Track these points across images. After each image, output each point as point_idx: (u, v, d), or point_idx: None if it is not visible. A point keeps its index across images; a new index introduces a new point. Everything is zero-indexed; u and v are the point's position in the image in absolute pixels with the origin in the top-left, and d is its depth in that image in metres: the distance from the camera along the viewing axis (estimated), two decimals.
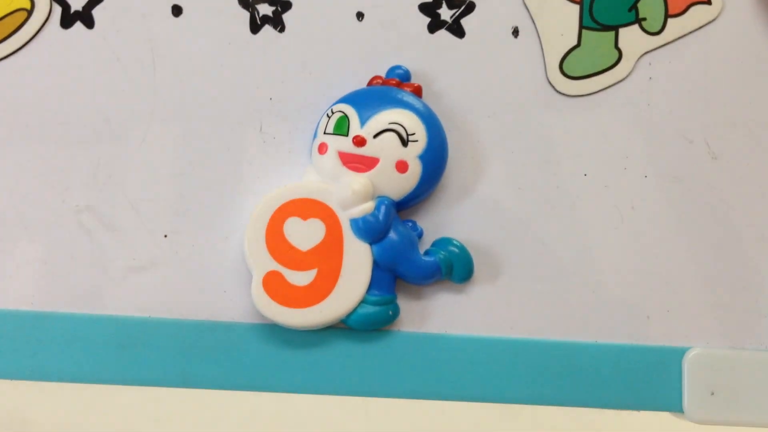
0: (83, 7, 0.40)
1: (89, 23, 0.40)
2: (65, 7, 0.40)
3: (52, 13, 0.40)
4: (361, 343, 0.39)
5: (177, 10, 0.40)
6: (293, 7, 0.41)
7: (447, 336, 0.39)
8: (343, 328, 0.38)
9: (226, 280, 0.39)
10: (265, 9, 0.41)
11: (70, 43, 0.40)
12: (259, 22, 0.40)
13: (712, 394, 0.39)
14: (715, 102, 0.42)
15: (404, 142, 0.38)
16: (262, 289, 0.37)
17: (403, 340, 0.39)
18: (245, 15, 0.40)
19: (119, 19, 0.40)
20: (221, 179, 0.40)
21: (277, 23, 0.41)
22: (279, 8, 0.41)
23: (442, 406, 0.39)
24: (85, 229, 0.39)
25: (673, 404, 0.39)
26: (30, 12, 0.39)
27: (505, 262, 0.40)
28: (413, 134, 0.38)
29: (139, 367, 0.38)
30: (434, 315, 0.40)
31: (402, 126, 0.38)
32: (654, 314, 0.40)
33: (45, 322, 0.38)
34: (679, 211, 0.41)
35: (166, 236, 0.39)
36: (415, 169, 0.38)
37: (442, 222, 0.40)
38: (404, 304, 0.39)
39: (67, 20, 0.40)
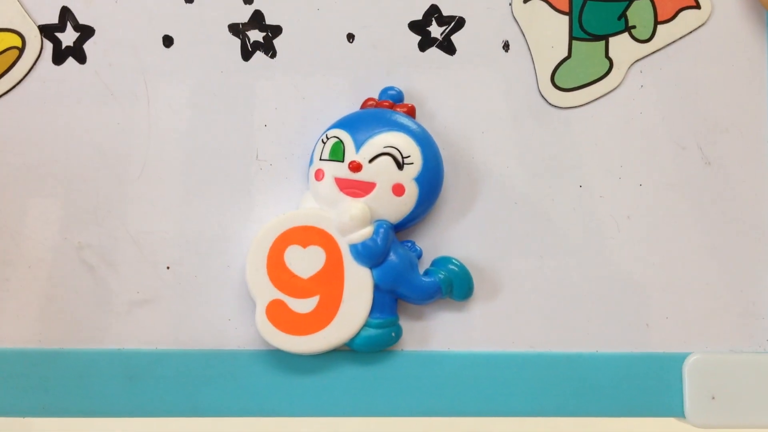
0: (74, 42, 0.40)
1: (81, 58, 0.40)
2: (56, 43, 0.40)
3: (43, 50, 0.40)
4: (366, 365, 0.39)
5: (168, 41, 0.40)
6: (283, 32, 0.41)
7: (450, 353, 0.40)
8: (347, 350, 0.39)
9: (229, 308, 0.39)
10: (255, 35, 0.41)
11: (63, 79, 0.40)
12: (250, 49, 0.41)
13: (713, 398, 0.40)
14: (706, 107, 0.42)
15: (400, 166, 0.38)
16: (266, 318, 0.38)
17: (406, 360, 0.40)
18: (236, 42, 0.41)
19: (111, 53, 0.40)
20: (220, 209, 0.40)
21: (269, 49, 0.41)
22: (269, 33, 0.41)
23: (448, 423, 0.40)
24: (87, 266, 0.39)
25: (674, 410, 0.40)
26: (21, 50, 0.40)
27: (504, 277, 0.41)
28: (408, 157, 0.38)
29: (147, 399, 0.38)
30: (436, 333, 0.40)
31: (397, 149, 0.38)
32: (653, 322, 0.41)
33: (53, 359, 0.38)
34: (674, 218, 0.41)
35: (168, 268, 0.39)
36: (412, 192, 0.38)
37: (440, 240, 0.41)
38: (406, 324, 0.40)
39: (58, 56, 0.40)
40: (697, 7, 0.42)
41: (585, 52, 0.42)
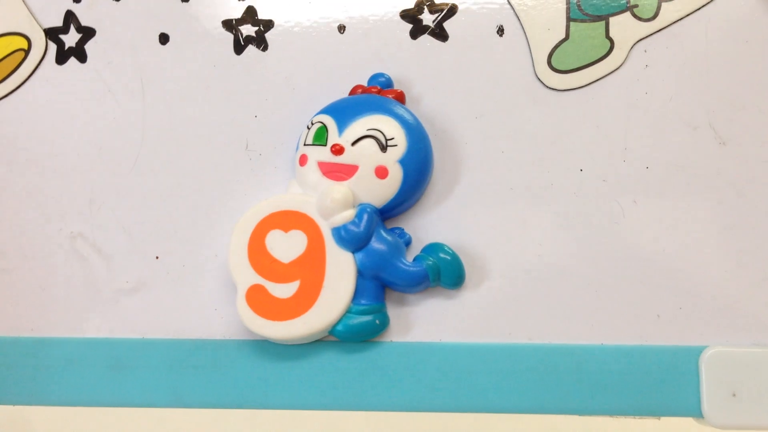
0: (77, 43, 0.41)
1: (82, 58, 0.41)
2: (60, 44, 0.42)
3: (48, 51, 0.41)
4: (352, 355, 0.38)
5: (164, 38, 0.41)
6: (275, 26, 0.41)
7: (441, 344, 0.38)
8: (333, 340, 0.38)
9: (216, 297, 0.39)
10: (248, 29, 0.41)
11: (65, 78, 0.41)
12: (242, 43, 0.41)
13: (734, 395, 0.36)
14: (719, 85, 0.39)
15: (383, 148, 0.37)
16: (245, 304, 0.37)
17: (394, 351, 0.38)
18: (229, 37, 0.41)
19: (110, 52, 0.41)
20: (210, 199, 0.40)
21: (260, 42, 0.41)
22: (262, 27, 0.41)
23: (440, 419, 0.38)
24: (79, 255, 0.40)
25: (691, 409, 0.37)
26: (27, 52, 0.41)
27: (502, 265, 0.39)
28: (392, 139, 0.37)
29: (133, 389, 0.38)
30: (428, 323, 0.38)
31: (380, 131, 0.37)
32: (664, 312, 0.38)
33: (43, 347, 0.39)
34: (685, 201, 0.38)
35: (157, 258, 0.39)
36: (396, 174, 0.37)
37: (433, 228, 0.39)
38: (396, 313, 0.38)
39: (61, 56, 0.41)
40: None
41: (584, 34, 0.40)
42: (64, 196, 0.40)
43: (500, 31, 0.41)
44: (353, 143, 0.37)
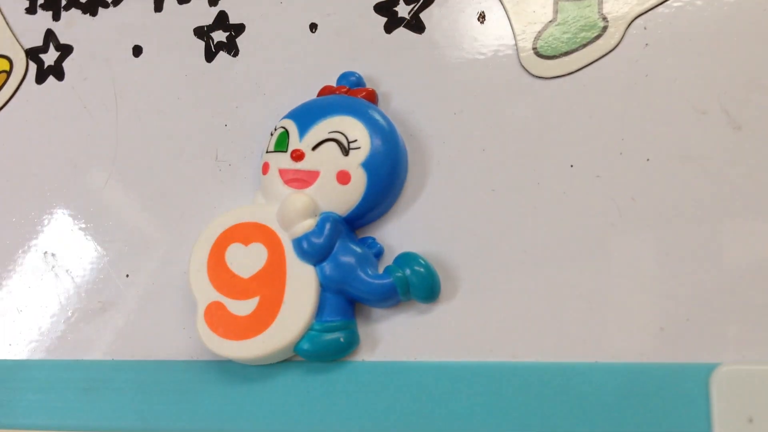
0: (55, 61, 0.41)
1: (60, 76, 0.41)
2: (39, 64, 0.41)
3: (28, 71, 0.41)
4: (319, 376, 0.35)
5: (137, 50, 0.40)
6: (246, 30, 0.39)
7: (416, 363, 0.34)
8: (300, 360, 0.35)
9: (184, 316, 0.37)
10: (219, 35, 0.39)
11: (43, 97, 0.41)
12: (213, 50, 0.39)
13: (751, 421, 0.31)
14: (732, 63, 0.34)
15: (345, 151, 0.34)
16: (203, 322, 0.35)
17: (364, 370, 0.35)
18: (200, 45, 0.40)
19: (86, 68, 0.41)
20: (180, 213, 0.38)
21: (231, 48, 0.39)
22: (233, 32, 0.39)
23: None
24: (53, 276, 0.39)
25: None
26: (9, 73, 0.41)
27: (483, 276, 0.35)
28: (355, 141, 0.35)
29: (101, 411, 0.37)
30: (401, 340, 0.35)
31: (342, 134, 0.35)
32: (669, 325, 0.33)
33: (19, 370, 0.38)
34: (692, 196, 0.33)
35: (127, 276, 0.38)
36: (359, 179, 0.34)
37: (407, 236, 0.36)
38: (366, 329, 0.35)
39: (41, 76, 0.41)
40: None
41: (573, 13, 0.36)
42: (41, 215, 0.40)
43: (481, 17, 0.37)
44: (314, 148, 0.35)
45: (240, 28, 0.39)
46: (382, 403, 0.34)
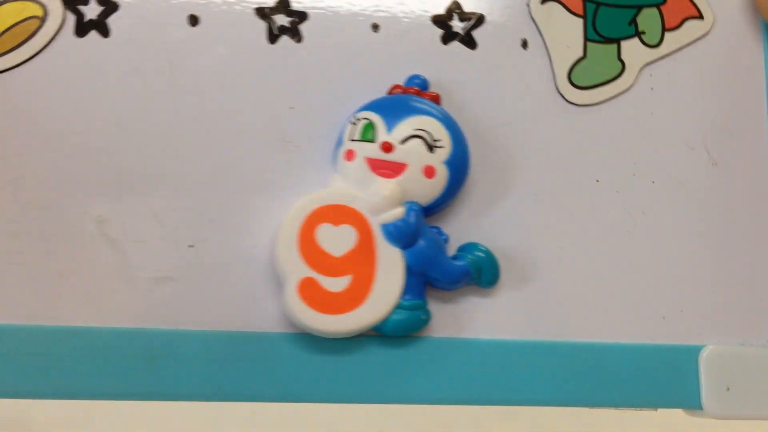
0: (98, 16, 0.39)
1: (105, 32, 0.39)
2: (79, 16, 0.39)
3: (65, 22, 0.39)
4: (393, 349, 0.38)
5: (194, 20, 0.40)
6: (310, 18, 0.41)
7: (474, 340, 0.39)
8: (373, 334, 0.38)
9: (254, 289, 0.38)
10: (281, 20, 0.41)
11: (85, 52, 0.39)
12: (276, 32, 0.40)
13: (728, 389, 0.41)
14: (711, 111, 0.44)
15: (430, 148, 0.38)
16: (297, 296, 0.36)
17: (433, 346, 0.39)
18: (262, 25, 0.40)
19: (136, 29, 0.39)
20: (245, 188, 0.39)
21: (295, 33, 0.41)
22: (296, 19, 0.41)
23: (468, 410, 0.39)
24: (107, 241, 0.37)
25: (692, 401, 0.41)
26: (43, 20, 0.38)
27: (526, 266, 0.41)
28: (439, 140, 0.39)
29: (169, 381, 0.36)
30: (460, 319, 0.40)
31: (427, 132, 0.38)
32: (669, 314, 0.42)
33: (70, 337, 0.36)
34: (684, 215, 0.43)
35: (191, 246, 0.38)
36: (442, 175, 0.39)
37: (463, 228, 0.41)
38: (432, 309, 0.39)
39: (81, 29, 0.39)
40: (701, 17, 0.45)
41: (599, 54, 0.43)
42: (88, 177, 0.38)
43: (524, 44, 0.43)
44: (402, 142, 0.38)
45: (303, 16, 0.41)
46: (447, 374, 0.39)
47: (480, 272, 0.39)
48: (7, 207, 0.37)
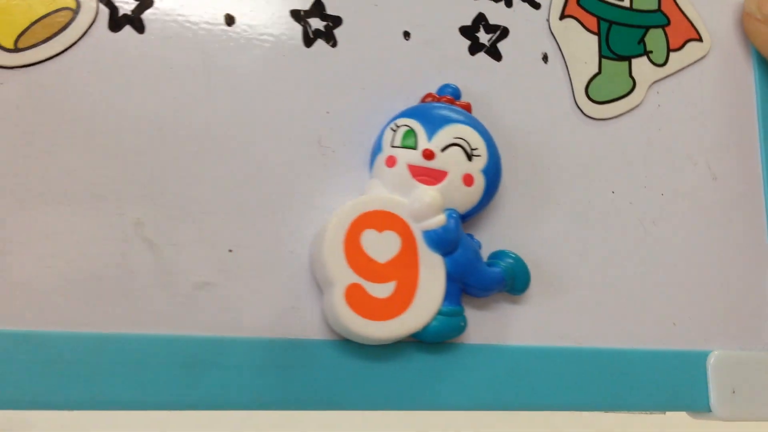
0: (132, 11, 0.38)
1: (140, 28, 0.38)
2: (113, 10, 0.37)
3: (99, 15, 0.37)
4: (430, 356, 0.39)
5: (229, 20, 0.39)
6: (344, 24, 0.41)
7: (504, 347, 0.40)
8: (411, 341, 0.38)
9: (293, 295, 0.37)
10: (316, 23, 0.40)
11: (119, 47, 0.37)
12: (311, 36, 0.40)
13: (733, 392, 0.43)
14: (711, 128, 0.46)
15: (469, 157, 0.39)
16: (345, 302, 0.36)
17: (469, 352, 0.39)
18: (298, 28, 0.40)
19: (170, 26, 0.38)
20: (282, 192, 0.38)
21: (330, 38, 0.40)
22: (330, 23, 0.40)
23: (493, 416, 0.40)
24: (144, 245, 0.36)
25: (701, 404, 0.42)
26: (75, 12, 0.37)
27: (549, 273, 0.42)
28: (476, 149, 0.39)
29: (209, 390, 0.35)
30: (489, 326, 0.40)
31: (466, 141, 0.39)
32: (680, 321, 0.43)
33: (105, 344, 0.34)
34: (690, 227, 0.45)
35: (230, 251, 0.37)
36: (480, 183, 0.39)
37: (491, 235, 0.41)
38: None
39: (115, 24, 0.37)
40: (700, 40, 0.47)
41: (612, 70, 0.45)
42: (122, 177, 0.36)
43: (545, 58, 0.44)
44: (442, 149, 0.39)
45: (338, 20, 0.41)
46: (481, 380, 0.39)
47: (513, 279, 0.40)
48: (38, 206, 0.35)
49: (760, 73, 0.48)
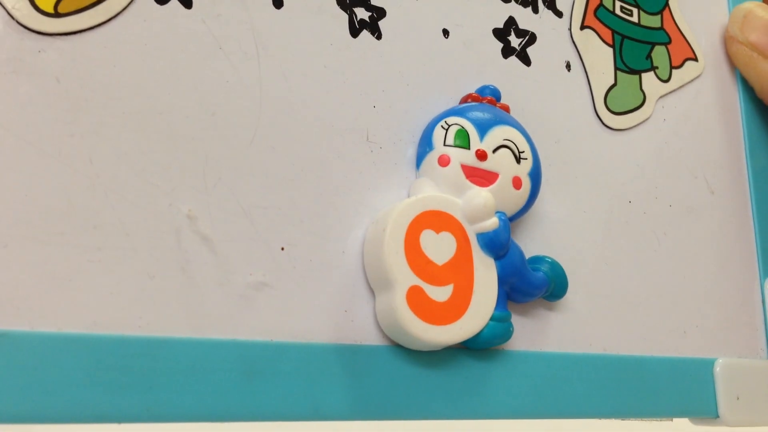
0: None
1: (187, 3, 0.34)
2: None
3: None
4: (478, 362, 0.37)
5: (278, 2, 0.36)
6: (387, 16, 0.39)
7: (541, 353, 0.40)
8: (458, 347, 0.37)
9: (345, 298, 0.35)
10: (362, 13, 0.38)
11: (166, 21, 0.34)
12: (357, 26, 0.38)
13: (738, 398, 0.44)
14: (707, 144, 0.48)
15: (518, 159, 0.38)
16: (406, 305, 0.34)
17: (515, 359, 0.38)
18: (344, 17, 0.38)
19: (219, 4, 0.35)
20: (335, 188, 0.36)
21: (374, 29, 0.39)
22: (375, 14, 0.39)
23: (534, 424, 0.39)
24: (195, 238, 0.33)
25: (709, 410, 0.44)
26: None
27: (574, 281, 0.42)
28: (523, 152, 0.39)
29: (267, 399, 0.32)
30: (534, 332, 0.40)
31: (514, 143, 0.38)
32: (689, 330, 0.45)
33: (158, 349, 0.31)
34: (694, 238, 0.46)
35: (283, 249, 0.34)
36: (527, 186, 0.39)
37: (521, 240, 0.41)
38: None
39: None
40: (696, 60, 0.49)
41: (626, 83, 0.46)
42: (173, 164, 0.33)
43: (568, 66, 0.44)
44: (494, 151, 0.38)
45: (381, 12, 0.39)
46: (524, 387, 0.38)
47: (555, 284, 0.39)
48: (83, 193, 0.31)
49: (743, 94, 0.50)
